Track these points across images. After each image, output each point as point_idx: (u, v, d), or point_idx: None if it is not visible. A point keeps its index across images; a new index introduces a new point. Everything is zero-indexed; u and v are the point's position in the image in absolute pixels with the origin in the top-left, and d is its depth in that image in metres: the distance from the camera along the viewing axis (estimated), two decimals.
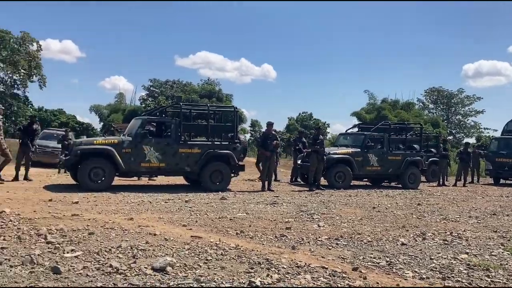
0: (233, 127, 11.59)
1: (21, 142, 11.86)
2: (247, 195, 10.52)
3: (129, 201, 8.76)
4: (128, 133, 11.03)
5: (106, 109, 52.34)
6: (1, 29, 38.55)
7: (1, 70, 40.07)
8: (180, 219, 6.96)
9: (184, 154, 10.88)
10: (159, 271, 4.11)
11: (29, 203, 7.87)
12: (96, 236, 5.42)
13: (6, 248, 4.65)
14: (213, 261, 4.57)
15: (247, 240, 5.71)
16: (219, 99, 41.30)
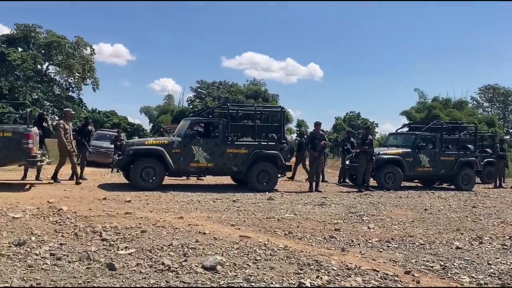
0: (280, 127, 11.57)
1: (77, 142, 12.34)
2: (294, 195, 10.48)
3: (179, 200, 8.94)
4: (178, 134, 11.26)
5: (155, 111, 53.80)
6: (57, 34, 40.47)
7: (57, 73, 42.13)
8: (228, 219, 7.03)
9: (232, 154, 10.98)
10: (210, 269, 4.16)
11: (84, 201, 8.19)
12: (148, 234, 5.56)
13: (64, 245, 4.86)
14: (262, 261, 4.58)
15: (295, 241, 5.69)
16: (265, 100, 41.43)
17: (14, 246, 4.66)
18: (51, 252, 4.49)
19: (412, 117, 35.88)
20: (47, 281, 3.68)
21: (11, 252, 4.45)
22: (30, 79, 38.80)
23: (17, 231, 5.44)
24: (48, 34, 40.66)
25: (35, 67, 39.46)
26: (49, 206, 7.25)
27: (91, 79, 42.62)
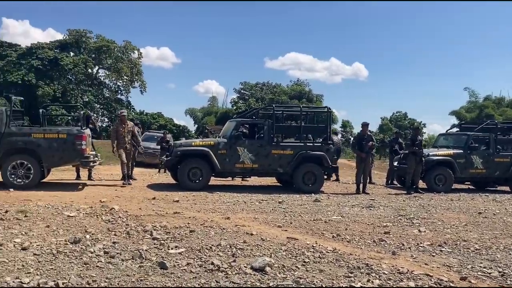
0: (326, 128, 11.45)
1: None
2: (341, 197, 10.33)
3: (225, 200, 9.02)
4: (223, 135, 11.37)
5: (200, 112, 54.55)
6: (107, 39, 41.81)
7: (107, 77, 43.48)
8: (274, 220, 7.01)
9: (277, 155, 10.96)
10: (259, 270, 4.16)
11: (134, 201, 8.41)
12: (197, 234, 5.64)
13: (117, 243, 5.00)
14: (311, 264, 4.54)
15: (344, 244, 5.60)
16: (309, 100, 41.13)
17: (70, 244, 4.84)
18: (105, 250, 4.63)
19: (462, 117, 34.56)
20: (102, 279, 3.79)
21: (67, 249, 4.62)
22: (81, 83, 40.30)
23: (72, 229, 5.66)
24: (98, 38, 42.05)
25: (86, 71, 40.91)
26: (101, 205, 7.49)
27: (138, 82, 43.73)
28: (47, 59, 37.03)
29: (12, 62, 37.39)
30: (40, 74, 36.27)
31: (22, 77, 35.28)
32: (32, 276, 3.75)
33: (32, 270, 3.92)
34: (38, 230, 5.54)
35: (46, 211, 6.73)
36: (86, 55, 40.53)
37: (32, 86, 35.11)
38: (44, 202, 7.51)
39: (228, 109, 48.22)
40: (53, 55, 37.52)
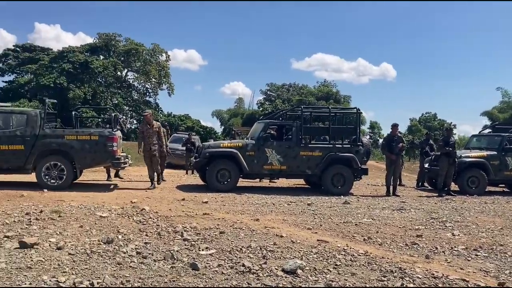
0: (356, 129, 11.32)
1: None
2: (371, 200, 10.18)
3: (253, 202, 9.01)
4: (251, 137, 11.38)
5: (226, 114, 54.86)
6: (136, 42, 42.53)
7: (135, 79, 44.24)
8: (304, 222, 6.97)
9: (305, 157, 10.90)
10: (290, 273, 4.13)
11: (164, 202, 8.50)
12: (227, 235, 5.64)
13: (149, 243, 5.05)
14: (342, 267, 4.48)
15: (375, 247, 5.51)
16: (337, 101, 40.80)
17: (103, 244, 4.92)
18: (137, 251, 4.68)
19: (495, 118, 33.62)
20: (136, 279, 3.83)
21: (101, 249, 4.69)
22: (110, 85, 41.12)
23: (105, 230, 5.75)
24: (127, 42, 42.84)
25: (115, 73, 41.73)
26: (132, 206, 7.60)
27: (166, 84, 44.34)
28: (77, 63, 37.94)
29: (44, 65, 38.47)
30: (71, 77, 37.18)
31: (54, 80, 36.24)
32: (68, 276, 3.82)
33: (67, 269, 3.99)
34: (72, 230, 5.65)
35: (79, 212, 6.86)
36: (115, 58, 41.35)
37: (64, 89, 36.03)
38: (77, 203, 7.67)
39: (254, 110, 48.36)
40: (83, 58, 38.42)
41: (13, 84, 42.04)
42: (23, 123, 9.42)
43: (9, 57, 44.35)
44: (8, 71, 43.76)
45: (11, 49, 45.57)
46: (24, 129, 9.33)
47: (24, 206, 7.25)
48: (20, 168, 9.36)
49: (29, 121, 9.42)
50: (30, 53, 43.06)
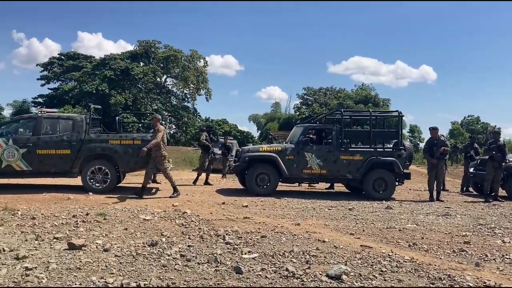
0: (397, 132, 11.07)
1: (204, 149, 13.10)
2: (414, 205, 9.91)
3: (294, 206, 8.95)
4: (290, 141, 11.32)
5: (263, 118, 55.05)
6: (174, 48, 43.32)
7: (174, 85, 45.04)
8: (346, 227, 6.86)
9: (346, 161, 10.74)
10: (335, 278, 4.07)
11: (205, 205, 8.57)
12: (268, 240, 5.62)
13: (192, 246, 5.10)
14: (388, 273, 4.37)
15: (421, 253, 5.36)
16: (376, 104, 40.13)
17: (148, 246, 5.00)
18: (181, 253, 4.73)
19: None
20: (181, 281, 3.87)
21: (146, 251, 4.77)
22: (150, 91, 42.02)
23: (149, 232, 5.85)
24: (166, 48, 43.72)
25: (155, 79, 42.62)
26: (174, 209, 7.70)
27: (204, 89, 44.90)
28: (119, 69, 38.99)
29: (87, 73, 39.76)
30: (113, 84, 38.24)
31: (96, 87, 37.37)
32: (116, 277, 3.90)
33: (115, 271, 4.08)
34: (117, 232, 5.77)
35: (123, 214, 7.01)
36: (155, 64, 42.24)
37: (106, 95, 37.08)
38: (121, 206, 7.85)
39: (291, 114, 48.26)
40: (124, 65, 39.46)
41: (58, 91, 43.75)
42: (69, 128, 9.73)
43: (54, 65, 46.21)
44: (53, 79, 45.60)
45: (56, 57, 47.50)
46: (70, 134, 9.64)
47: (71, 208, 7.48)
48: (67, 171, 9.65)
49: (75, 126, 9.72)
50: (74, 61, 44.70)
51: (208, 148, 12.95)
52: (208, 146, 12.95)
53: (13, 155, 9.27)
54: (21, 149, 9.29)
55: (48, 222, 6.28)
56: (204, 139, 13.14)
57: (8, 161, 9.27)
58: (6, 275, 3.88)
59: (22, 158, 9.27)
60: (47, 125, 9.81)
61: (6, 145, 9.28)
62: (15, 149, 9.27)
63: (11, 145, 9.29)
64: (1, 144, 9.27)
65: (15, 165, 9.32)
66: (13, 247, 4.78)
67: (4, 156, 9.25)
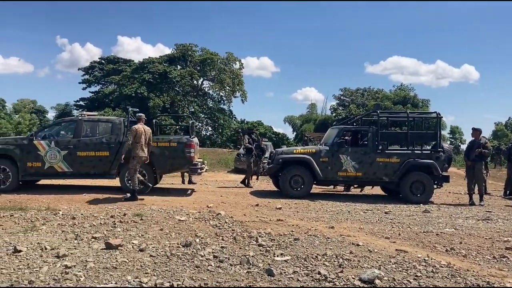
0: (436, 134, 10.79)
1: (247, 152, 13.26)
2: (453, 208, 9.63)
3: (328, 209, 8.88)
4: (325, 142, 11.23)
5: (298, 120, 54.83)
6: (211, 51, 43.80)
7: (211, 88, 45.50)
8: (381, 231, 6.74)
9: (382, 163, 10.56)
10: (368, 283, 4.02)
11: (239, 207, 8.62)
12: (301, 242, 5.60)
13: (225, 248, 5.14)
14: (423, 278, 4.28)
15: (459, 259, 5.20)
16: (415, 105, 39.24)
17: (182, 247, 5.09)
18: (214, 254, 4.79)
19: None
20: (213, 282, 3.91)
21: (180, 252, 4.85)
22: (187, 94, 42.68)
23: (183, 233, 5.94)
24: (203, 51, 44.27)
25: (192, 82, 43.23)
26: (208, 211, 7.79)
27: (240, 91, 45.17)
28: (157, 73, 39.79)
29: (126, 76, 40.79)
30: (151, 87, 39.05)
31: (135, 90, 38.26)
32: (150, 277, 3.99)
33: (149, 270, 4.17)
34: (153, 232, 5.90)
35: (159, 215, 7.15)
36: (191, 67, 42.82)
37: (144, 98, 37.90)
38: (157, 207, 8.00)
39: (327, 116, 47.86)
40: (162, 68, 40.22)
41: (99, 94, 45.08)
42: (108, 130, 10.01)
43: (95, 69, 47.72)
44: (94, 82, 47.06)
45: (97, 61, 49.03)
46: (109, 136, 9.91)
47: (109, 209, 7.70)
48: (106, 173, 9.91)
49: (114, 129, 9.99)
50: (114, 64, 46.00)
51: (251, 151, 13.13)
52: (251, 149, 13.16)
53: (55, 157, 9.63)
54: (63, 151, 9.63)
55: (87, 222, 6.48)
56: (247, 142, 13.37)
57: (51, 162, 9.63)
58: (47, 273, 4.04)
59: (63, 160, 9.60)
60: (87, 128, 10.13)
61: (49, 147, 9.65)
62: (57, 151, 9.62)
63: (53, 147, 9.64)
64: (44, 146, 9.64)
65: (57, 166, 9.67)
66: (54, 246, 4.98)
67: (47, 157, 9.61)
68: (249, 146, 13.27)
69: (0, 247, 4.89)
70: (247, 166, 13.32)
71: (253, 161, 13.24)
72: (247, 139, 13.54)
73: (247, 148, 13.29)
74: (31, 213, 7.04)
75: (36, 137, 9.75)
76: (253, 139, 13.66)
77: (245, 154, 13.40)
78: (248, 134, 13.97)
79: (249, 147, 13.24)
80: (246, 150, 13.38)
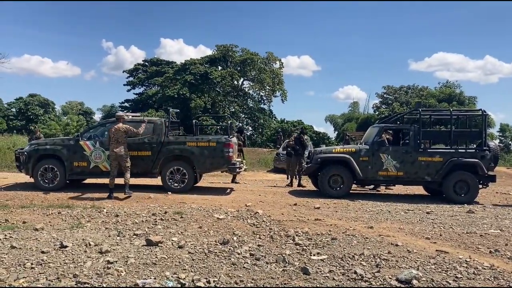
0: (481, 132, 10.43)
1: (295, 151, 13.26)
2: (499, 209, 9.29)
3: (368, 209, 8.77)
4: (365, 142, 11.08)
5: (340, 119, 54.14)
6: (251, 51, 44.00)
7: (251, 88, 45.66)
8: (422, 231, 6.61)
9: (424, 163, 10.31)
10: (405, 283, 3.97)
11: (277, 206, 8.66)
12: (339, 242, 5.58)
13: (262, 246, 5.20)
14: (464, 280, 4.18)
15: (504, 261, 5.04)
16: (460, 103, 37.94)
17: (220, 245, 5.18)
18: (251, 252, 4.85)
19: None
20: (249, 279, 3.97)
21: (217, 249, 4.95)
22: (228, 94, 43.05)
23: (221, 231, 6.04)
24: (243, 52, 44.51)
25: (232, 83, 43.57)
26: (246, 209, 7.88)
27: (280, 91, 45.07)
28: (198, 74, 40.38)
29: (169, 78, 41.62)
30: (193, 88, 39.67)
31: (177, 91, 38.98)
32: (188, 273, 4.10)
33: (187, 267, 4.28)
34: (192, 230, 6.04)
35: (198, 213, 7.30)
36: (232, 68, 43.17)
37: (186, 99, 38.57)
38: (197, 205, 8.17)
39: (370, 114, 47.03)
40: (203, 69, 40.77)
41: (143, 96, 46.28)
42: (150, 131, 10.29)
43: (139, 71, 49.03)
44: (138, 84, 48.36)
45: (141, 63, 50.36)
46: (151, 137, 10.18)
47: (151, 207, 7.93)
48: (148, 172, 10.20)
49: (156, 129, 10.25)
50: (157, 66, 47.10)
51: (297, 151, 13.04)
52: (296, 148, 13.05)
53: (100, 157, 9.99)
54: (107, 151, 9.98)
55: (130, 219, 6.71)
56: (292, 141, 13.31)
57: (96, 162, 10.00)
58: (90, 267, 4.22)
59: (107, 159, 9.95)
60: None
61: (94, 147, 10.02)
62: (102, 151, 9.97)
63: (98, 147, 10.01)
64: (90, 147, 10.02)
65: (102, 166, 10.02)
66: (97, 242, 5.19)
67: (92, 157, 9.99)
68: (295, 146, 13.06)
69: (48, 243, 5.14)
70: (299, 165, 13.16)
71: (299, 161, 13.03)
72: (293, 138, 13.43)
73: (293, 148, 13.09)
74: (77, 211, 7.36)
75: (82, 138, 10.14)
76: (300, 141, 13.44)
77: (293, 154, 13.17)
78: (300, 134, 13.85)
79: (295, 147, 13.08)
80: (293, 149, 13.16)
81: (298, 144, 13.07)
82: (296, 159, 12.92)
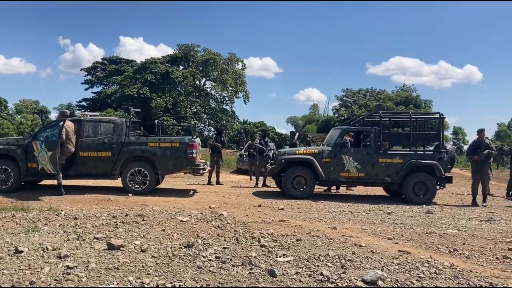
0: (439, 135, 10.75)
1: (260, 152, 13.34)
2: (456, 209, 9.60)
3: (330, 210, 8.86)
4: (327, 143, 11.21)
5: (301, 120, 54.80)
6: (213, 52, 43.78)
7: (213, 88, 45.45)
8: (384, 232, 6.73)
9: (384, 164, 10.53)
10: (370, 284, 4.00)
11: (241, 208, 8.61)
12: (304, 243, 5.59)
13: (227, 248, 5.13)
14: (426, 279, 4.26)
15: (462, 260, 5.19)
16: (417, 106, 39.18)
17: (184, 248, 5.07)
18: (216, 255, 4.77)
19: None
20: (215, 283, 3.90)
21: (182, 253, 4.84)
22: (190, 94, 42.64)
23: (185, 234, 5.93)
24: (205, 52, 44.22)
25: (194, 83, 43.20)
26: (211, 211, 7.78)
27: (242, 92, 45.10)
28: (159, 73, 39.78)
29: (129, 77, 40.78)
30: (153, 87, 39.03)
31: (137, 91, 38.27)
32: (152, 277, 3.98)
33: (151, 271, 4.16)
34: (155, 233, 5.89)
35: (161, 216, 7.14)
36: (194, 68, 42.79)
37: (146, 99, 37.90)
38: (159, 207, 7.99)
39: (329, 116, 47.83)
40: (164, 69, 40.21)
41: (101, 95, 45.11)
42: (110, 131, 10.01)
43: (97, 70, 47.79)
44: (97, 83, 47.11)
45: (99, 62, 49.11)
46: (111, 137, 9.91)
47: (111, 209, 7.69)
48: (108, 173, 9.92)
49: (116, 129, 9.98)
50: (116, 65, 46.02)
51: (263, 151, 13.13)
52: (263, 150, 13.17)
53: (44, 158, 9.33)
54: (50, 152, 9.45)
55: (89, 222, 6.48)
56: (257, 143, 13.41)
57: (42, 164, 9.36)
58: (48, 273, 4.03)
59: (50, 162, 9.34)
60: (89, 128, 10.11)
61: (40, 147, 9.47)
62: (45, 151, 9.36)
63: (43, 148, 9.47)
64: (38, 147, 9.46)
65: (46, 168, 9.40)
66: (56, 246, 4.97)
67: (39, 158, 9.38)
68: (260, 147, 13.25)
69: (2, 248, 4.89)
70: (258, 167, 13.28)
71: (264, 162, 13.11)
72: (258, 140, 13.65)
73: (259, 149, 13.25)
74: (33, 214, 7.04)
75: (36, 138, 9.58)
76: (265, 141, 13.62)
77: (258, 155, 13.30)
78: (261, 136, 14.10)
79: (260, 148, 13.23)
80: (258, 150, 13.31)
81: (263, 145, 13.21)
82: (262, 160, 12.99)
